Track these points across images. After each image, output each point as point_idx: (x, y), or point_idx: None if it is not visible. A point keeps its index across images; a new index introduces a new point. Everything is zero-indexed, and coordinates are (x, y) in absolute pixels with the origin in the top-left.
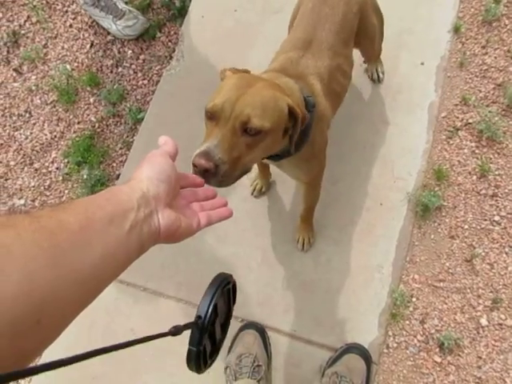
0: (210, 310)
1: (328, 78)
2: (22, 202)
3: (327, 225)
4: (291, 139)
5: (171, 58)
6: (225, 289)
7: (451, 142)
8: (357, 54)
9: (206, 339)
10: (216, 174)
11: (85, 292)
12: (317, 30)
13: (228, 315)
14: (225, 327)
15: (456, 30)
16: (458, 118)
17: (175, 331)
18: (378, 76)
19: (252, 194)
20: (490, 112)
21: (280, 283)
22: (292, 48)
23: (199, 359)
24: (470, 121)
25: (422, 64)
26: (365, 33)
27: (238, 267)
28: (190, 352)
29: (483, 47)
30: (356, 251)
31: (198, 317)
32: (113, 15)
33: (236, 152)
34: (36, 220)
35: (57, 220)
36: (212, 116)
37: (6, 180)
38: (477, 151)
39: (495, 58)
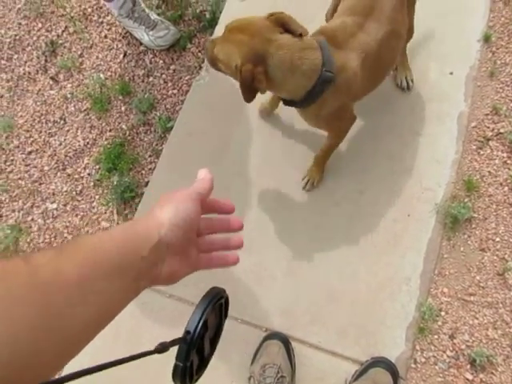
0: (199, 326)
1: (377, 49)
2: (55, 206)
3: (354, 235)
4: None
5: (200, 68)
6: (216, 304)
7: (481, 153)
8: None
9: (193, 354)
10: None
11: (71, 348)
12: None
13: (218, 330)
14: (214, 342)
15: (486, 39)
16: (488, 127)
17: (161, 348)
18: (408, 84)
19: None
20: None
21: (305, 293)
22: (351, 12)
23: (185, 375)
24: (502, 131)
25: (451, 74)
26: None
27: (263, 277)
28: (176, 367)
29: None
30: (383, 263)
31: (187, 332)
32: (145, 26)
33: (212, 55)
34: (33, 270)
35: (55, 270)
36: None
37: (40, 184)
38: (508, 161)
39: None
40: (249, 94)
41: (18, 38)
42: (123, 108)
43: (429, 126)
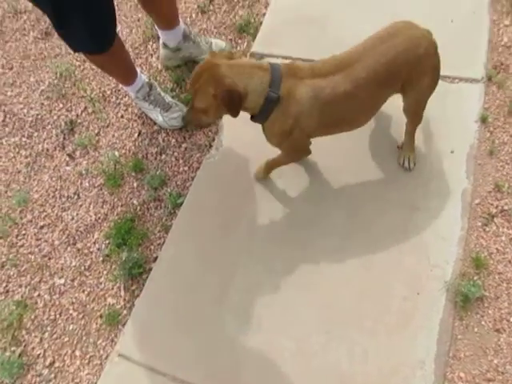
0: None
1: (334, 99)
2: (62, 281)
3: (363, 313)
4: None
5: (211, 146)
6: None
7: (487, 229)
8: (391, 138)
9: None
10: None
11: None
12: (360, 60)
13: None
14: None
15: (483, 119)
16: (492, 204)
17: None
18: (409, 165)
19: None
20: None
21: (314, 376)
22: (328, 61)
23: None
24: (506, 208)
25: (452, 152)
26: (412, 86)
27: (271, 357)
28: None
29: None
30: (394, 344)
31: None
32: (160, 108)
33: (196, 115)
34: None
35: None
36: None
37: (50, 259)
38: None
39: None
40: (234, 108)
41: (39, 117)
42: (135, 184)
43: (432, 202)
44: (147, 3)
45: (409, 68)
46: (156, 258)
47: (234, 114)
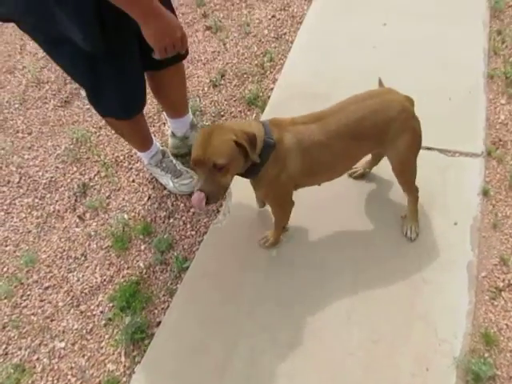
0: None
1: (311, 146)
2: (63, 344)
3: None
4: (249, 156)
5: (218, 212)
6: None
7: (495, 304)
8: (395, 207)
9: None
10: (209, 200)
11: None
12: (333, 115)
13: None
14: None
15: (485, 193)
16: (499, 278)
17: None
18: (411, 235)
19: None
20: None
21: None
22: (306, 115)
23: None
24: None
25: (456, 224)
26: (391, 146)
27: None
28: None
29: None
30: None
31: None
32: (171, 174)
33: (215, 181)
34: None
35: None
36: (195, 163)
37: (52, 321)
38: None
39: None
40: (255, 147)
41: (53, 179)
42: (143, 247)
43: (438, 273)
44: (158, 90)
45: (378, 128)
46: (159, 323)
47: (256, 156)
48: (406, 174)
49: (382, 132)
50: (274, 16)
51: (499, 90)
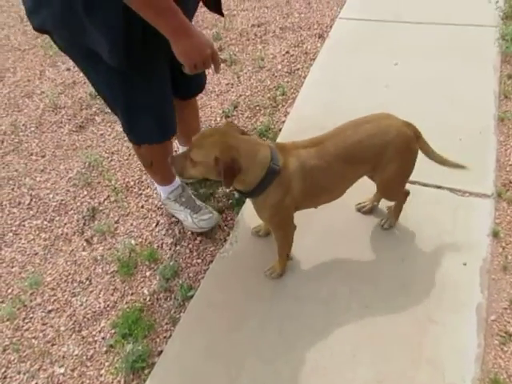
0: None
1: (312, 169)
2: (62, 370)
3: None
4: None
5: (225, 241)
6: None
7: (505, 349)
8: (399, 249)
9: None
10: (172, 166)
11: None
12: (331, 139)
13: None
14: None
15: (495, 234)
16: (509, 322)
17: None
18: (385, 226)
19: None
20: None
21: None
22: (307, 139)
23: None
24: None
25: (465, 264)
26: (380, 170)
27: None
28: None
29: None
30: None
31: None
32: (190, 209)
33: (183, 164)
34: None
35: None
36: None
37: (53, 345)
38: None
39: None
40: (230, 178)
41: (63, 202)
42: (148, 273)
43: (447, 314)
44: (179, 119)
45: (375, 152)
46: (161, 352)
47: (228, 184)
48: (390, 195)
49: (378, 155)
50: (287, 52)
51: (509, 132)
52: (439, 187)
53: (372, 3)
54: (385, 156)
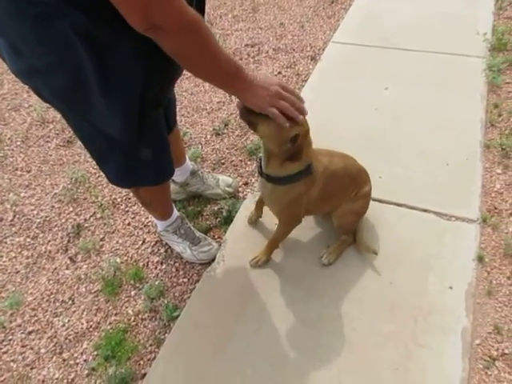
0: None
1: (330, 175)
2: None
3: None
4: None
5: (213, 260)
6: None
7: (489, 373)
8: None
9: None
10: (241, 110)
11: None
12: (336, 155)
13: None
14: None
15: (480, 259)
16: (493, 347)
17: None
18: (324, 261)
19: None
20: None
21: None
22: (322, 150)
23: None
24: (506, 351)
25: (451, 288)
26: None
27: None
28: None
29: (508, 278)
30: None
31: None
32: (189, 241)
33: (254, 116)
34: None
35: None
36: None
37: (32, 369)
38: None
39: None
40: (299, 154)
41: (48, 219)
42: (133, 293)
43: (432, 338)
44: None
45: (354, 176)
46: (144, 375)
47: (298, 158)
48: (350, 226)
49: (355, 180)
50: (280, 72)
51: (495, 159)
52: (426, 211)
53: (365, 29)
54: (357, 181)
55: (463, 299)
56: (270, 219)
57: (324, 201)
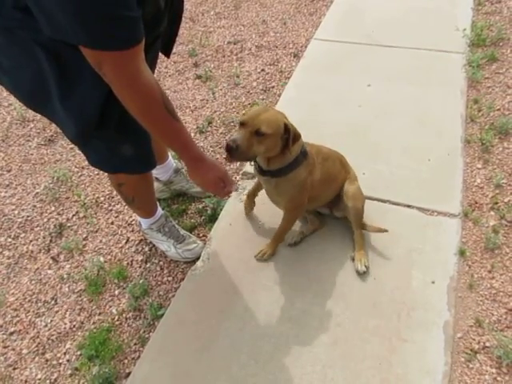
0: None
1: (325, 159)
2: None
3: None
4: (287, 143)
5: (198, 258)
6: None
7: (471, 366)
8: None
9: None
10: (236, 151)
11: None
12: (323, 148)
13: None
14: None
15: (461, 253)
16: (474, 340)
17: None
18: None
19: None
20: (505, 337)
21: None
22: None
23: None
24: (487, 344)
25: (433, 283)
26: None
27: None
28: None
29: (489, 271)
30: None
31: None
32: (174, 240)
33: (250, 143)
34: None
35: None
36: (242, 124)
37: (14, 369)
38: (498, 378)
39: (502, 282)
40: (296, 132)
41: (29, 218)
42: (117, 292)
43: (415, 333)
44: None
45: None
46: (129, 374)
47: (297, 137)
48: (359, 215)
49: (343, 164)
50: (263, 70)
51: (475, 154)
52: (409, 206)
53: (346, 26)
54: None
55: (445, 293)
56: (256, 218)
57: (325, 184)
